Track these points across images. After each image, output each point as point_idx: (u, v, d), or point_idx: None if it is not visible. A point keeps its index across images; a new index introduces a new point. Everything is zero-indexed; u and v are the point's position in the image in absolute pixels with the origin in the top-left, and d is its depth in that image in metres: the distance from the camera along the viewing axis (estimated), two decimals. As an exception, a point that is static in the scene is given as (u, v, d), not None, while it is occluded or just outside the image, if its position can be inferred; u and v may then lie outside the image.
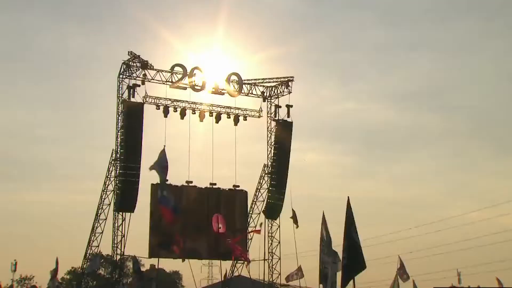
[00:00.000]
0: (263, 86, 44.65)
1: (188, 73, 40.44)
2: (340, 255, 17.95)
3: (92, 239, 40.39)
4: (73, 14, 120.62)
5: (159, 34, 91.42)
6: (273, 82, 44.81)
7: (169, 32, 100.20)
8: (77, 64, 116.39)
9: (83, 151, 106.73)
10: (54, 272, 35.65)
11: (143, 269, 45.27)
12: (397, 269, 33.19)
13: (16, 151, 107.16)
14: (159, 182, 30.13)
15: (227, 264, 43.83)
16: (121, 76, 39.58)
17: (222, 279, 41.23)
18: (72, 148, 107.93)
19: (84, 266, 42.50)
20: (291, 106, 44.35)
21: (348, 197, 16.81)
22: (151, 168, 28.55)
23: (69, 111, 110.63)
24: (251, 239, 42.68)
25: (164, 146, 29.41)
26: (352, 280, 16.84)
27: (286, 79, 44.59)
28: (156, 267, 38.90)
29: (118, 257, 39.27)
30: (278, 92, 44.69)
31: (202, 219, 38.36)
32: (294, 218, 35.97)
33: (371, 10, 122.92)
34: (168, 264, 40.25)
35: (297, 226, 35.88)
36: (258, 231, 38.16)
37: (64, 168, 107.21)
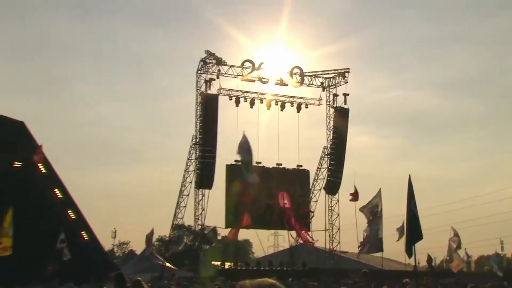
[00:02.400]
0: (322, 77, 44.68)
1: (256, 68, 40.75)
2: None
3: (177, 212, 41.53)
4: (156, 19, 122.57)
5: (230, 33, 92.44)
6: (331, 73, 44.80)
7: (238, 32, 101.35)
8: (160, 62, 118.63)
9: (166, 138, 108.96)
10: (150, 237, 36.48)
11: (219, 237, 45.83)
12: (449, 238, 32.54)
13: (112, 139, 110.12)
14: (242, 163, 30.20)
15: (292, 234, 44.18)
16: (199, 72, 40.35)
17: (290, 246, 41.46)
18: (157, 135, 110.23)
19: (171, 235, 43.50)
20: (348, 94, 44.28)
21: (410, 175, 16.60)
22: (239, 152, 28.75)
23: (154, 103, 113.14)
24: (313, 211, 42.78)
25: (244, 131, 29.63)
26: (413, 247, 16.81)
27: (343, 71, 44.51)
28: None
29: (199, 227, 40.02)
30: (336, 82, 44.59)
31: (270, 195, 38.67)
32: (355, 194, 35.73)
33: (417, 8, 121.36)
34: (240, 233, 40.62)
35: (356, 200, 35.64)
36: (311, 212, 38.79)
37: (150, 152, 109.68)
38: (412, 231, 17.51)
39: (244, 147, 28.75)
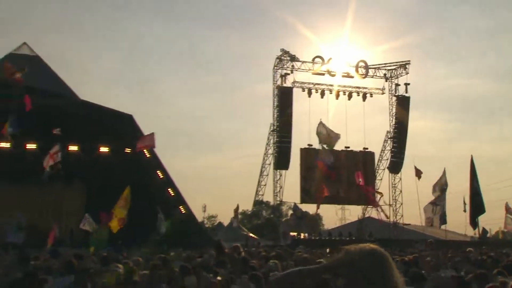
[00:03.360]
0: (385, 69, 44.91)
1: (325, 62, 41.44)
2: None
3: (258, 189, 42.88)
4: (233, 22, 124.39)
5: (302, 32, 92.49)
6: (393, 65, 44.93)
7: (309, 30, 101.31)
8: (239, 61, 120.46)
9: (246, 126, 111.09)
10: (236, 211, 38.01)
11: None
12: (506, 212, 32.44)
13: (199, 128, 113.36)
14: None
15: (359, 208, 45.05)
16: (275, 67, 41.31)
17: (359, 218, 42.40)
18: (238, 124, 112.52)
19: (253, 209, 45.03)
20: (409, 84, 44.40)
21: (472, 156, 17.25)
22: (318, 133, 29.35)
23: (235, 96, 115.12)
24: (378, 188, 43.40)
25: (320, 119, 30.23)
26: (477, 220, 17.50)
27: (404, 63, 44.64)
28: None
29: (277, 202, 41.36)
30: (398, 73, 44.72)
31: (339, 174, 39.47)
32: (417, 172, 36.10)
33: (470, 2, 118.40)
34: (311, 207, 41.93)
35: (419, 177, 35.97)
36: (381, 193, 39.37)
37: (233, 138, 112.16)
38: (475, 206, 18.27)
39: (321, 132, 29.69)
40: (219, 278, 6.87)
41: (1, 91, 25.27)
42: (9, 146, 29.13)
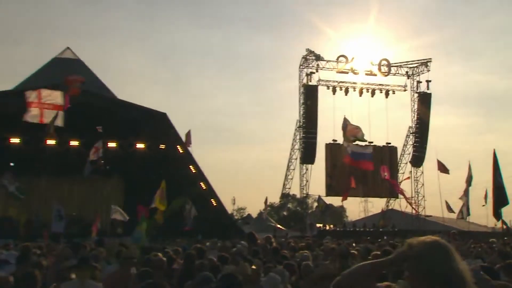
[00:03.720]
0: (407, 67, 44.69)
1: (349, 61, 41.47)
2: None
3: (285, 183, 43.20)
4: (262, 24, 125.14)
5: (327, 32, 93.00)
6: (414, 63, 44.72)
7: (333, 30, 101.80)
8: (267, 60, 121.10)
9: (274, 122, 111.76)
10: (265, 203, 38.37)
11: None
12: None
13: (230, 124, 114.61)
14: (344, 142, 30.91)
15: (381, 201, 45.11)
16: (301, 66, 41.49)
17: (382, 210, 42.43)
18: (266, 120, 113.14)
19: (280, 202, 45.38)
20: (430, 81, 44.16)
21: (494, 149, 17.17)
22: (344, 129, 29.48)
23: (263, 94, 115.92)
24: (401, 181, 43.30)
25: (344, 115, 30.36)
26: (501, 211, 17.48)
27: (426, 60, 44.38)
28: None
29: (304, 195, 41.63)
30: (419, 71, 44.49)
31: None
32: (441, 166, 35.89)
33: (487, 1, 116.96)
34: (336, 200, 42.25)
35: (447, 172, 35.65)
36: (408, 178, 39.23)
37: (261, 134, 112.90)
38: (499, 198, 18.27)
39: (345, 128, 29.72)
40: (253, 267, 7.19)
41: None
42: (54, 143, 30.05)
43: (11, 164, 30.80)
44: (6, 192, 29.01)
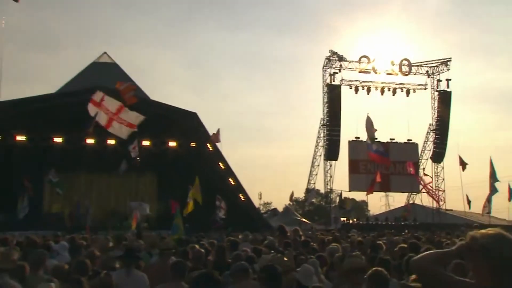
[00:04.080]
0: (427, 66, 44.35)
1: (371, 61, 41.28)
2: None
3: (310, 179, 43.19)
4: (288, 26, 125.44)
5: (348, 33, 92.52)
6: (435, 62, 44.36)
7: (355, 31, 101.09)
8: (292, 61, 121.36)
9: (298, 120, 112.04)
10: (291, 198, 38.53)
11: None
12: None
13: (257, 122, 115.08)
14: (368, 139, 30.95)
15: (402, 195, 44.92)
16: (324, 67, 41.45)
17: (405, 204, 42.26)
18: (291, 119, 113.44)
19: (305, 197, 45.38)
20: (450, 79, 43.81)
21: None
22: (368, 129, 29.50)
23: (289, 94, 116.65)
24: (422, 176, 43.02)
25: (368, 113, 30.31)
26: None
27: (445, 60, 44.01)
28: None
29: (328, 190, 41.66)
30: (439, 70, 44.12)
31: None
32: (461, 162, 35.61)
33: (506, 2, 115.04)
34: (358, 195, 42.37)
35: (464, 168, 35.32)
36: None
37: (286, 132, 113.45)
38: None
39: (369, 126, 29.70)
40: (285, 258, 7.33)
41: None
42: (93, 142, 30.74)
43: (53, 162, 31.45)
44: (51, 188, 29.90)
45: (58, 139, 31.52)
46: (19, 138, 30.12)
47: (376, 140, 31.50)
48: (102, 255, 8.88)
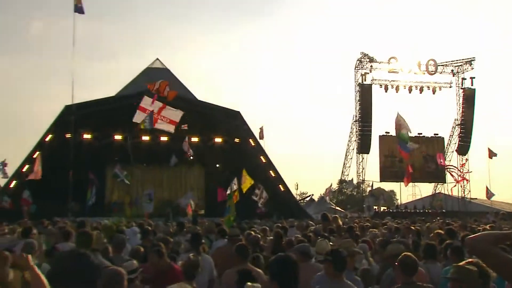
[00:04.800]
0: (452, 65, 43.63)
1: (399, 62, 40.88)
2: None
3: (343, 170, 43.16)
4: (322, 28, 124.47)
5: (379, 35, 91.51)
6: (459, 62, 43.62)
7: (384, 33, 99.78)
8: (328, 61, 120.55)
9: (330, 118, 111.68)
10: (328, 189, 38.52)
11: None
12: None
13: (294, 118, 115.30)
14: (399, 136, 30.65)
15: (429, 185, 44.37)
16: (356, 68, 41.21)
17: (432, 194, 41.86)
18: (323, 117, 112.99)
19: (338, 187, 45.29)
20: (474, 77, 43.01)
21: None
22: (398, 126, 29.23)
23: (322, 90, 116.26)
24: (448, 167, 42.47)
25: (398, 111, 30.02)
26: None
27: (470, 59, 43.24)
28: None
29: (360, 181, 41.55)
30: (464, 68, 43.38)
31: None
32: (490, 152, 35.01)
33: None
34: (388, 185, 42.13)
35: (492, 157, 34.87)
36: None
37: (321, 127, 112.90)
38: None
39: (400, 122, 29.37)
40: (331, 243, 7.43)
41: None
42: (148, 139, 31.45)
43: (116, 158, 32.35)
44: (113, 179, 30.75)
45: (118, 137, 32.37)
46: (85, 136, 31.00)
47: (406, 137, 31.27)
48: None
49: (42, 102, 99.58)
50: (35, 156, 28.69)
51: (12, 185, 29.94)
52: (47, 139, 30.40)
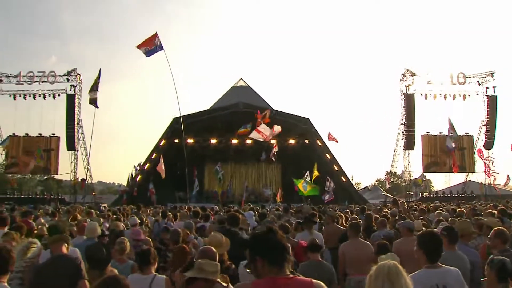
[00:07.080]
0: (478, 77, 41.29)
1: (435, 75, 39.19)
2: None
3: (392, 164, 41.67)
4: (374, 43, 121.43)
5: (419, 52, 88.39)
6: (483, 74, 41.24)
7: (424, 50, 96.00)
8: (377, 74, 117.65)
9: (381, 120, 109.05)
10: (387, 179, 37.26)
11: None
12: None
13: (351, 122, 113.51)
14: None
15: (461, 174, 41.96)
16: (400, 81, 39.83)
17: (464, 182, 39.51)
18: (374, 121, 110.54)
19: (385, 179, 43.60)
20: (495, 86, 40.75)
21: None
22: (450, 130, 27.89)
23: (375, 100, 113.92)
24: (476, 160, 40.07)
25: (448, 116, 28.69)
26: None
27: (491, 72, 41.02)
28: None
29: (407, 172, 40.05)
30: (487, 80, 41.08)
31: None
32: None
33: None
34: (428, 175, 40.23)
35: None
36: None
37: (368, 132, 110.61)
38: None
39: (450, 125, 28.03)
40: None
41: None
42: (237, 142, 31.64)
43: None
44: (213, 173, 30.92)
45: (213, 140, 32.75)
46: (189, 140, 31.63)
47: (454, 137, 30.05)
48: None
49: (154, 116, 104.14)
50: (153, 157, 29.70)
51: (138, 179, 31.11)
52: (161, 143, 31.28)
